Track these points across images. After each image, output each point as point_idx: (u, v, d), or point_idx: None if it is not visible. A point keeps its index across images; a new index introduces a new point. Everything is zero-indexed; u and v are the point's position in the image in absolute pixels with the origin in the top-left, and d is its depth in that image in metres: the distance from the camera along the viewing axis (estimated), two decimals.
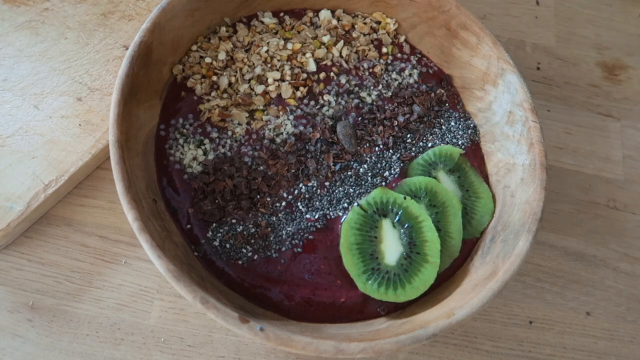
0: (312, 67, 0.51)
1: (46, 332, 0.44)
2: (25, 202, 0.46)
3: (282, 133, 0.48)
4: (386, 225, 0.44)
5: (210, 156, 0.46)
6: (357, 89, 0.52)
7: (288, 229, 0.44)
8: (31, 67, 0.52)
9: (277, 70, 0.50)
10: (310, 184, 0.46)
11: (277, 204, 0.45)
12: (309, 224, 0.45)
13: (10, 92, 0.51)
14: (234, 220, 0.44)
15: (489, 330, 0.49)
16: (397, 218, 0.45)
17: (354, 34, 0.54)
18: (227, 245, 0.43)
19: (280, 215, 0.45)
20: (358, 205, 0.45)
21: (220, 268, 0.42)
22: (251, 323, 0.34)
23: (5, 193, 0.46)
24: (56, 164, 0.48)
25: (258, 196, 0.45)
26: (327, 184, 0.46)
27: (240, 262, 0.42)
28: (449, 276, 0.45)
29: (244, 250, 0.43)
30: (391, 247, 0.44)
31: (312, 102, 0.50)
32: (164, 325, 0.46)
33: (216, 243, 0.43)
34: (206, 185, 0.45)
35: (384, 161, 0.48)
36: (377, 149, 0.49)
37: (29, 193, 0.46)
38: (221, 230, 0.43)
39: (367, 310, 0.42)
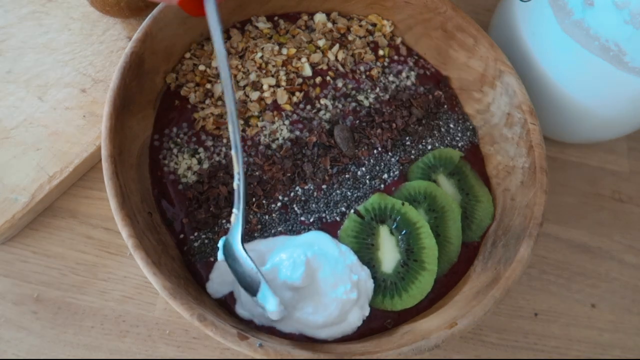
0: (307, 71, 0.50)
1: (51, 324, 0.44)
2: (30, 194, 0.46)
3: (277, 138, 0.47)
4: (383, 232, 0.44)
5: (205, 165, 0.45)
6: (354, 92, 0.51)
7: (279, 228, 0.44)
8: (35, 58, 0.52)
9: (272, 76, 0.49)
10: (306, 187, 0.46)
11: (273, 205, 0.45)
12: (302, 226, 0.44)
13: (14, 83, 0.51)
14: (228, 225, 0.43)
15: (494, 323, 0.49)
16: (394, 224, 0.44)
17: (350, 37, 0.53)
18: None
19: (274, 215, 0.44)
20: (355, 211, 0.45)
21: None
22: (250, 339, 0.34)
23: (10, 185, 0.46)
24: (61, 156, 0.48)
25: (253, 199, 0.44)
26: (324, 186, 0.46)
27: None
28: (451, 282, 0.45)
29: None
30: (388, 255, 0.43)
31: (309, 107, 0.49)
32: (169, 318, 0.45)
33: None
34: (200, 194, 0.44)
35: (382, 164, 0.48)
36: (375, 151, 0.48)
37: (33, 185, 0.46)
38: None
39: (372, 325, 0.42)
